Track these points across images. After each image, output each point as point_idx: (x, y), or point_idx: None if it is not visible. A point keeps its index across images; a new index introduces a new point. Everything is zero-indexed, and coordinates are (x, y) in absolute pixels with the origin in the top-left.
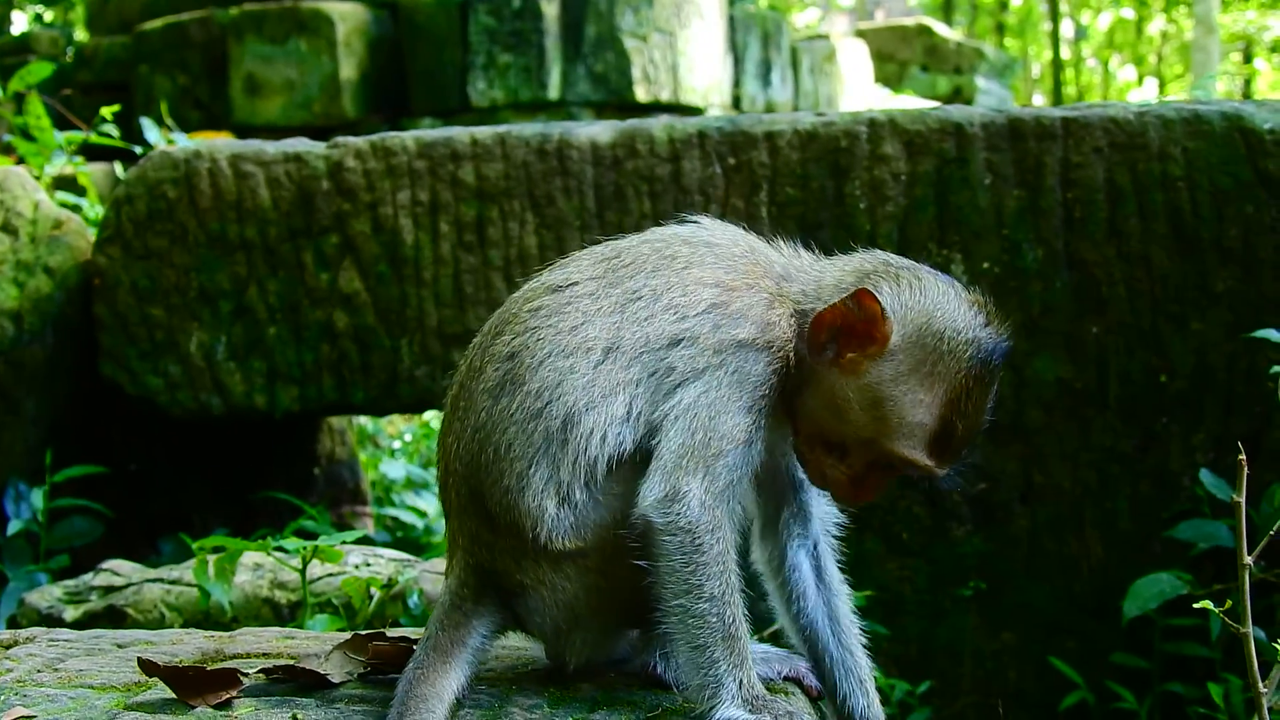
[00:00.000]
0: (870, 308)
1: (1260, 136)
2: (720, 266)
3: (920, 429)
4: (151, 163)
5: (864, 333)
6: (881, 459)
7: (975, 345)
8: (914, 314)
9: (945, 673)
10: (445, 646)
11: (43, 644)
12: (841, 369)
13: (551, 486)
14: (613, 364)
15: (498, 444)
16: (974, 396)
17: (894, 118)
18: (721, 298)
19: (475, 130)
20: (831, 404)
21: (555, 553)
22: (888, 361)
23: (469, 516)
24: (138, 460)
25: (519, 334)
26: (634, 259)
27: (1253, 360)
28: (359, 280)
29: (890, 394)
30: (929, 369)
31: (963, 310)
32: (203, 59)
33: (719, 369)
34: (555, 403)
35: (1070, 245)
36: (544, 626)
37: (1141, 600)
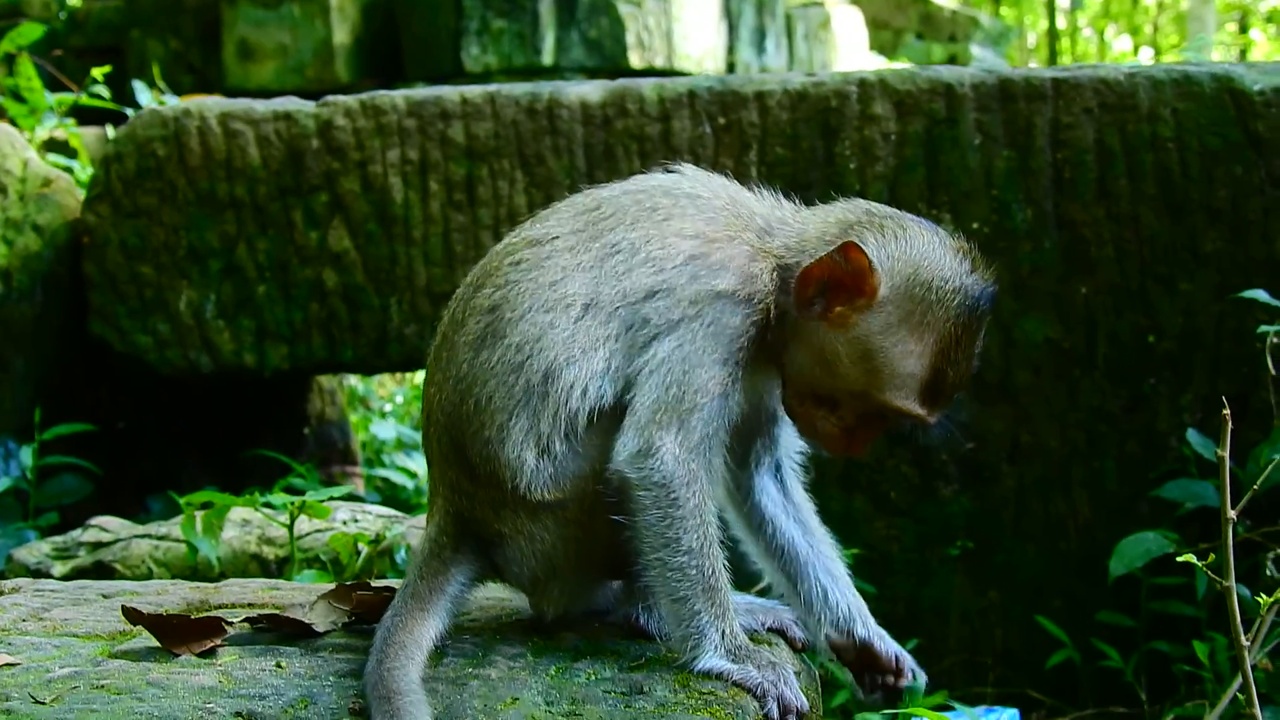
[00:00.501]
0: (857, 261)
1: (1250, 98)
2: (701, 218)
3: (912, 379)
4: (141, 121)
5: (852, 286)
6: (873, 410)
7: (963, 293)
8: (900, 264)
9: (932, 632)
10: (424, 594)
11: (28, 594)
12: (830, 323)
13: (531, 438)
14: (592, 319)
15: (479, 396)
16: (963, 344)
17: (884, 78)
18: (701, 249)
19: (465, 89)
20: (821, 358)
21: (534, 503)
22: (877, 313)
23: (449, 465)
24: (127, 418)
25: (499, 287)
26: (614, 210)
27: (1241, 321)
28: (348, 239)
29: (880, 346)
30: (918, 319)
31: (949, 258)
32: (195, 23)
33: (695, 320)
34: (536, 356)
35: (1059, 206)
36: (521, 576)
37: (1127, 559)
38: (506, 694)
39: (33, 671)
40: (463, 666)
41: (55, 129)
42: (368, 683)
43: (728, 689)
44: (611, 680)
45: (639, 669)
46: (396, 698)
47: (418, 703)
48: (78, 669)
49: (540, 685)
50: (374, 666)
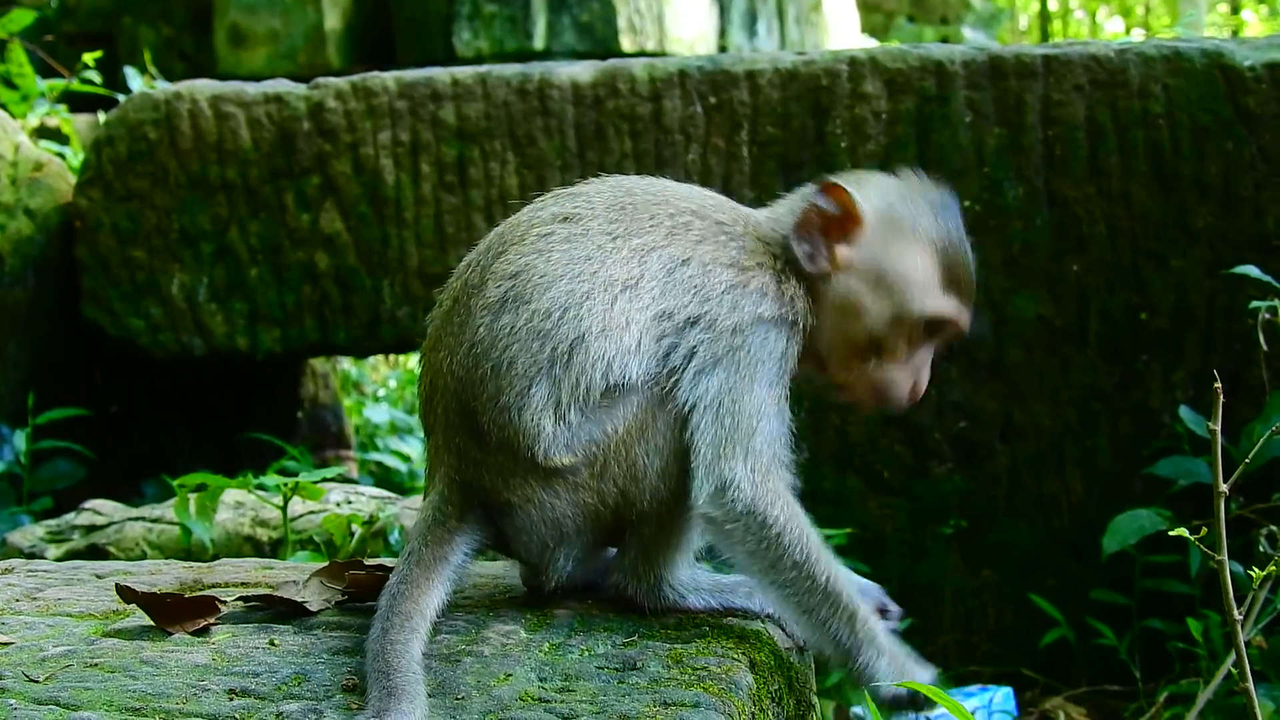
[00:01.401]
0: (835, 193)
1: (1240, 73)
2: (734, 245)
3: (931, 280)
4: (132, 104)
5: (841, 218)
6: (914, 330)
7: (930, 198)
8: (871, 192)
9: (926, 611)
10: (429, 562)
11: (21, 574)
12: (837, 269)
13: (550, 405)
14: (630, 302)
15: (498, 361)
16: (955, 240)
17: (875, 56)
18: (739, 279)
19: (456, 70)
20: (846, 309)
21: (547, 469)
22: (872, 238)
23: (456, 433)
24: (120, 402)
25: (526, 254)
26: (649, 215)
27: (1232, 297)
28: (340, 221)
29: (890, 262)
30: (908, 228)
31: (899, 181)
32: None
33: (740, 350)
34: (567, 324)
35: (1051, 183)
36: (529, 544)
37: (1121, 536)
38: (500, 670)
39: (26, 650)
40: (456, 643)
41: (47, 115)
42: (369, 652)
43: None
44: (605, 656)
45: (632, 645)
46: (395, 674)
47: (415, 680)
48: (71, 648)
49: (533, 661)
50: (378, 635)
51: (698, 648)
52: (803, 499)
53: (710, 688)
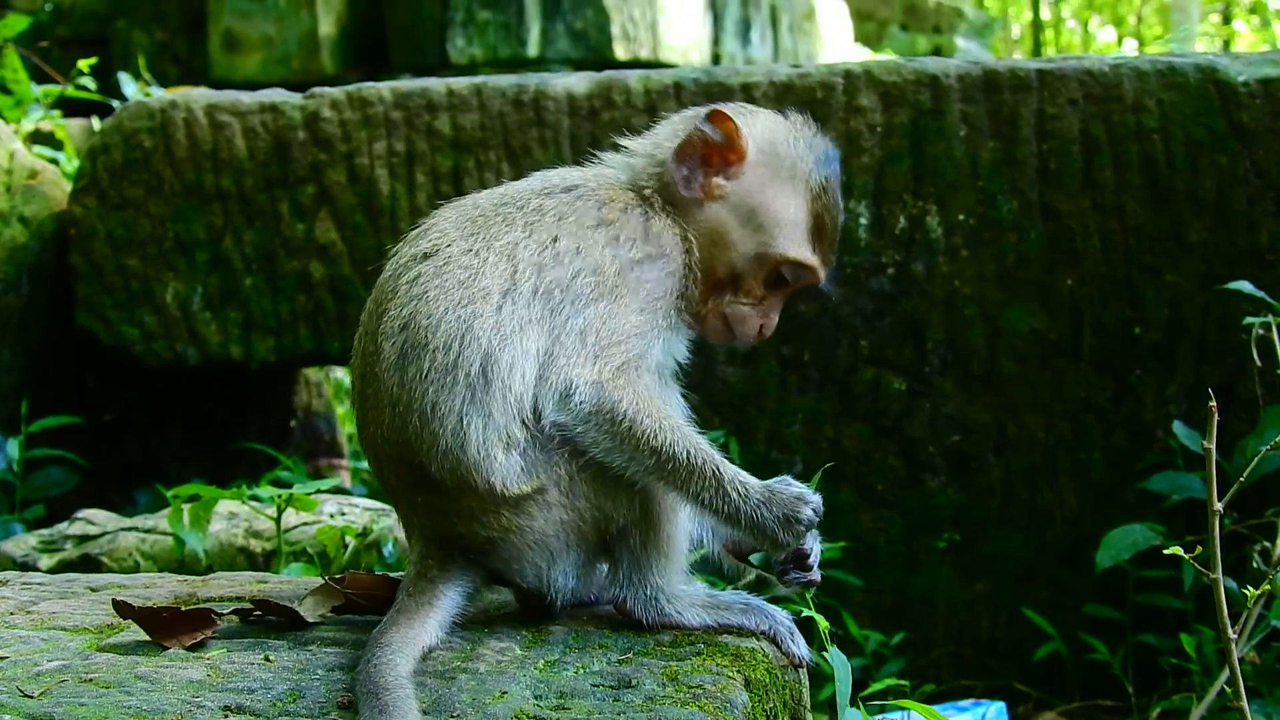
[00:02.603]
0: (724, 124)
1: (1234, 88)
2: (591, 206)
3: (797, 226)
4: (127, 112)
5: (724, 149)
6: (771, 270)
7: (814, 146)
8: (757, 129)
9: (920, 623)
10: (412, 610)
11: (16, 587)
12: (708, 196)
13: (491, 432)
14: (513, 305)
15: (421, 409)
16: (830, 192)
17: (869, 69)
18: (610, 233)
19: (451, 81)
20: (710, 235)
21: (514, 498)
22: (750, 173)
23: (417, 491)
24: (113, 410)
25: (404, 304)
26: (501, 218)
27: (1226, 311)
28: (335, 230)
29: (761, 201)
30: (788, 171)
31: (788, 123)
32: (181, 14)
33: (619, 287)
34: (467, 349)
35: (1045, 196)
36: (524, 573)
37: (1114, 551)
38: (495, 688)
39: (20, 665)
40: (451, 660)
41: (41, 121)
42: (358, 679)
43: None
44: (600, 674)
45: (627, 662)
46: (384, 693)
47: (405, 698)
48: (66, 662)
49: (528, 679)
50: (363, 666)
51: (693, 665)
52: None
53: (705, 706)
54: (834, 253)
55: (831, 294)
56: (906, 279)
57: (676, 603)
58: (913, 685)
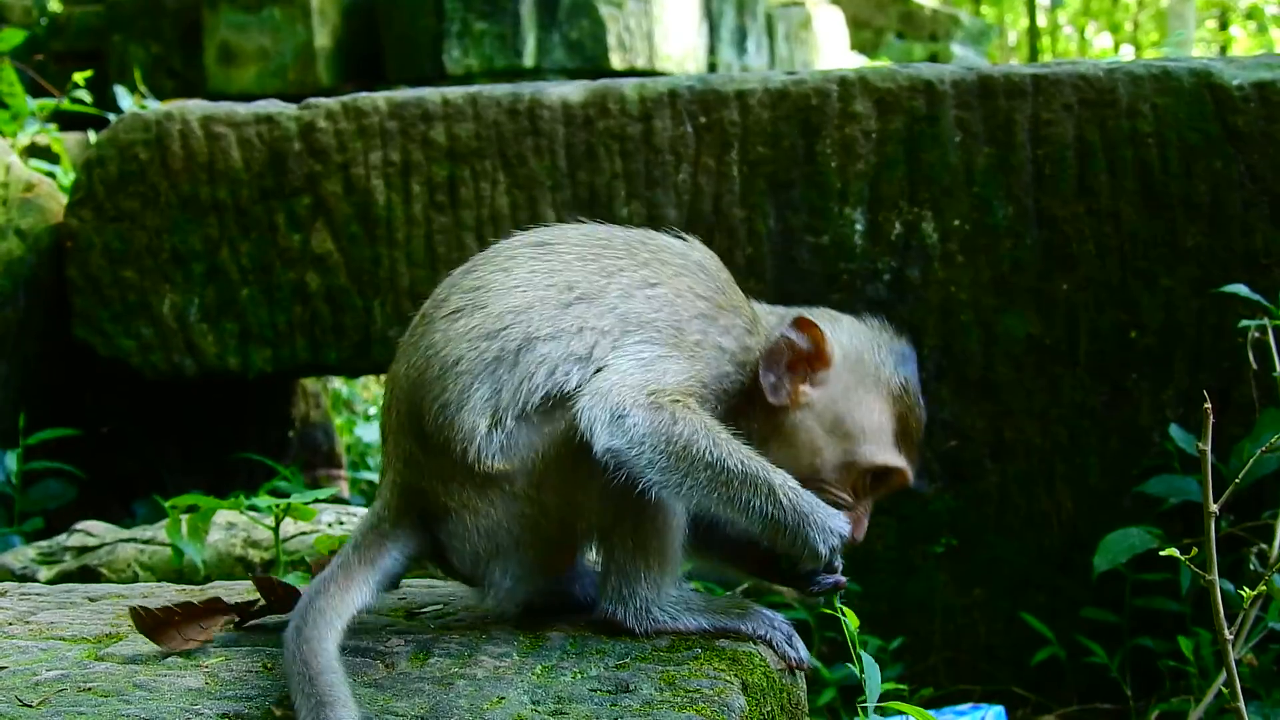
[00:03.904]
0: (812, 332)
1: (1229, 92)
2: (712, 285)
3: (883, 432)
4: (123, 124)
5: (810, 357)
6: (861, 477)
7: (894, 351)
8: (842, 335)
9: (917, 629)
10: (353, 565)
11: (14, 598)
12: (795, 404)
13: (489, 406)
14: (586, 308)
15: (445, 358)
16: (911, 393)
17: (864, 76)
18: (711, 311)
19: (446, 90)
20: (797, 442)
21: (482, 475)
22: (834, 382)
23: (404, 435)
24: (111, 422)
25: (491, 271)
26: (626, 247)
27: (1221, 315)
28: (331, 241)
29: (847, 408)
30: (871, 378)
31: (869, 329)
32: (176, 27)
33: (691, 353)
34: (516, 325)
35: (1040, 202)
36: (464, 554)
37: (1111, 555)
38: (493, 693)
39: (19, 675)
40: (449, 666)
41: (37, 134)
42: (286, 652)
43: (713, 687)
44: (598, 679)
45: (625, 667)
46: (318, 679)
47: (338, 683)
48: (64, 672)
49: (526, 684)
50: (292, 634)
51: (690, 669)
52: None
53: (703, 710)
54: (920, 452)
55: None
56: (902, 285)
57: (670, 609)
58: (911, 690)
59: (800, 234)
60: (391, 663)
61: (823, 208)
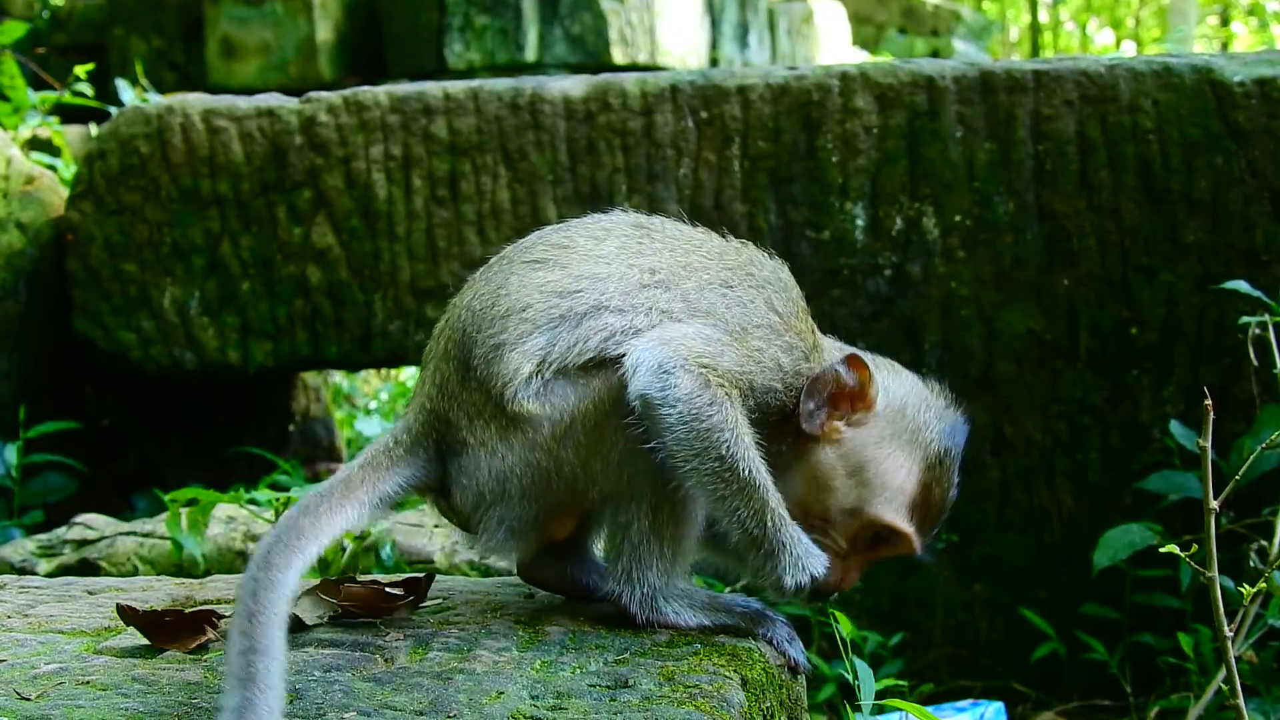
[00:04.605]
0: (861, 371)
1: (1230, 89)
2: (785, 302)
3: (902, 494)
4: (124, 118)
5: (853, 396)
6: (865, 529)
7: (945, 420)
8: (894, 386)
9: (917, 624)
10: (355, 483)
11: (13, 591)
12: (825, 437)
13: (539, 354)
14: (660, 291)
15: (514, 301)
16: (946, 466)
17: (865, 71)
18: (779, 327)
19: (447, 84)
20: (815, 476)
21: (511, 415)
22: (871, 427)
23: (447, 362)
24: (111, 416)
25: (582, 236)
26: (716, 251)
27: (1222, 311)
28: (332, 235)
29: (874, 457)
30: (908, 436)
31: (931, 394)
32: (178, 21)
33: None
34: (590, 291)
35: (1041, 197)
36: (468, 491)
37: (1112, 551)
38: (492, 688)
39: (18, 668)
40: (448, 660)
41: (38, 127)
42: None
43: (712, 682)
44: (597, 674)
45: (624, 662)
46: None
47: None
48: (63, 665)
49: (525, 679)
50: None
51: (689, 665)
52: None
53: (702, 705)
54: (935, 527)
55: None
56: (903, 280)
57: (675, 602)
58: (911, 686)
59: (801, 229)
60: (390, 657)
61: (824, 203)
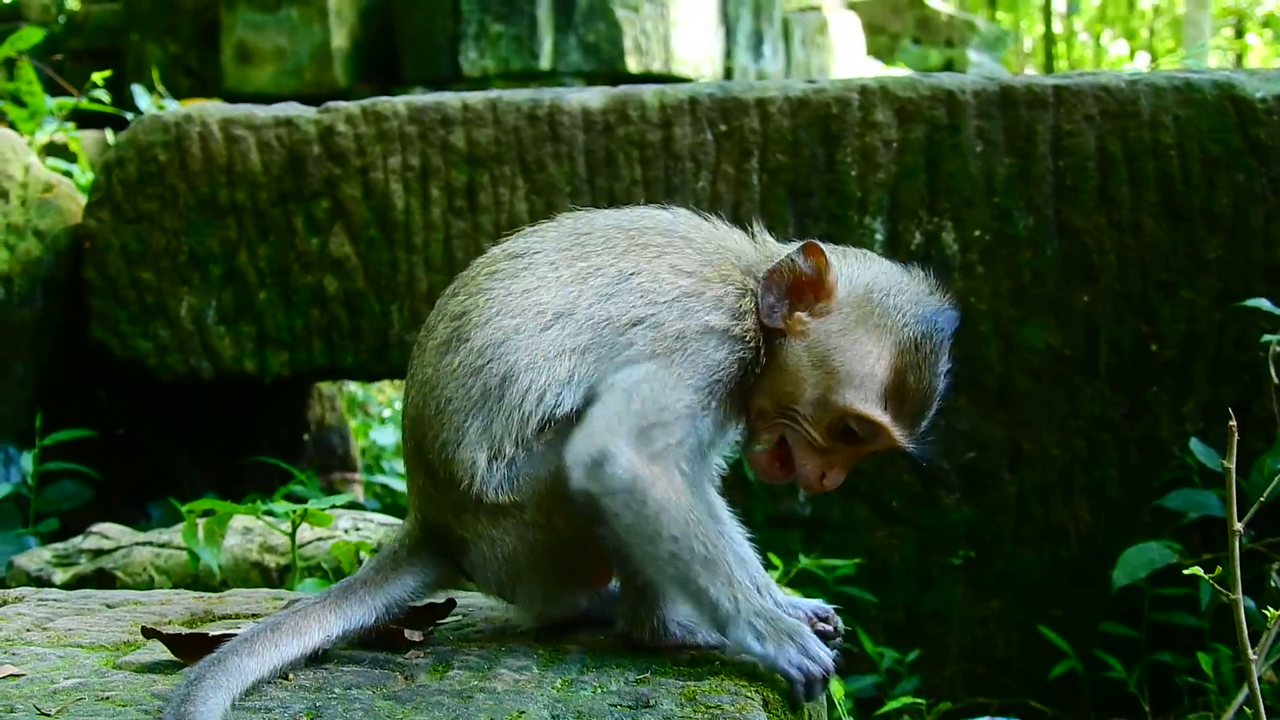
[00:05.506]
0: (816, 260)
1: (1251, 105)
2: (697, 258)
3: (870, 380)
4: (142, 126)
5: (811, 286)
6: (837, 421)
7: (920, 305)
8: (859, 273)
9: (934, 640)
10: (357, 587)
11: (32, 603)
12: (789, 331)
13: (484, 440)
14: (561, 330)
15: (439, 398)
16: (924, 352)
17: (885, 85)
18: (696, 287)
19: (466, 95)
20: (783, 372)
21: (491, 506)
22: (834, 315)
23: (416, 470)
24: (126, 423)
25: (471, 294)
26: (604, 238)
27: (1242, 329)
28: (349, 245)
29: (837, 344)
30: (875, 321)
31: (908, 280)
32: (194, 26)
33: (676, 352)
34: (496, 360)
35: (1061, 213)
36: (489, 581)
37: (1131, 569)
38: (513, 707)
39: (37, 683)
40: (468, 679)
41: (55, 133)
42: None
43: (734, 702)
44: (618, 694)
45: (645, 682)
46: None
47: None
48: (83, 680)
49: (546, 698)
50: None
51: (711, 685)
52: (810, 528)
53: None
54: (918, 418)
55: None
56: None
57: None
58: (929, 704)
59: None
60: (411, 675)
61: (842, 216)
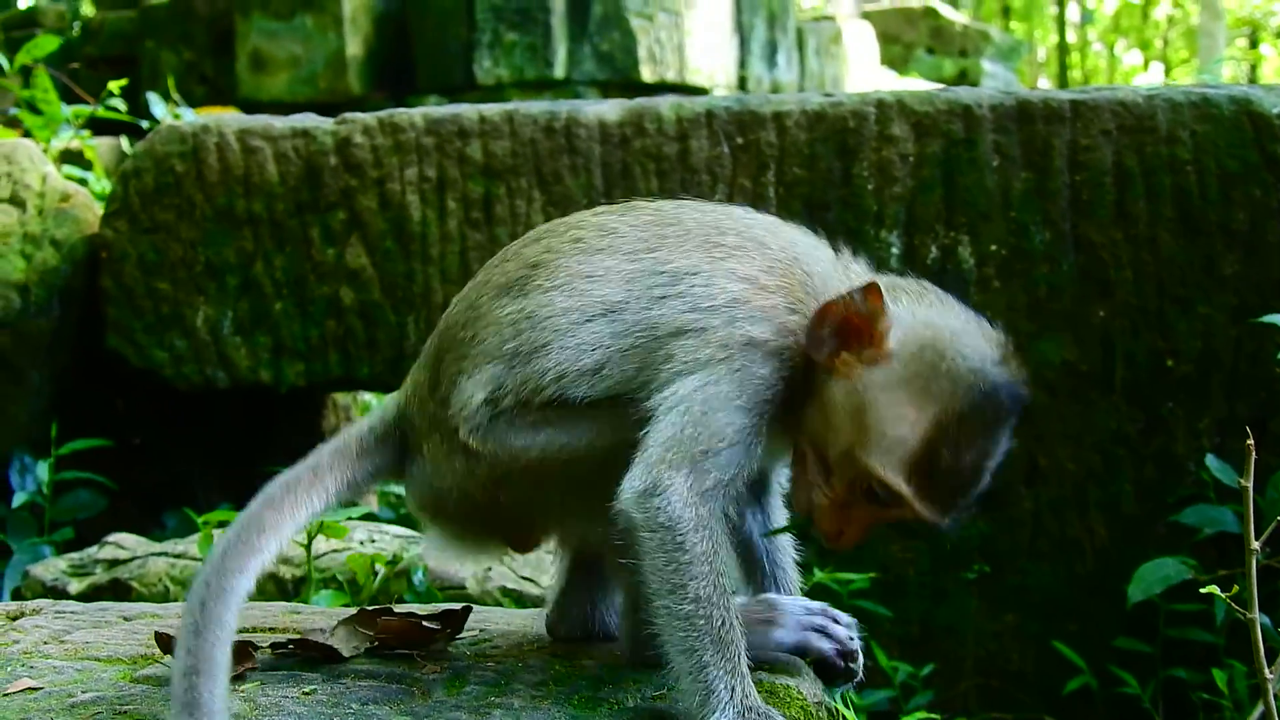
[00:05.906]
0: (873, 302)
1: (1269, 120)
2: (760, 264)
3: (899, 446)
4: (159, 136)
5: (863, 330)
6: (860, 479)
7: (980, 375)
8: (920, 325)
9: (948, 655)
10: (323, 470)
11: (49, 616)
12: (834, 370)
13: (490, 386)
14: (609, 324)
15: (476, 330)
16: (967, 427)
17: (902, 99)
18: (746, 293)
19: (483, 107)
20: (822, 409)
21: (458, 442)
22: (882, 367)
23: (426, 368)
24: (142, 433)
25: (551, 250)
26: (683, 233)
27: (1259, 344)
28: (365, 256)
29: (875, 399)
30: (921, 384)
31: (979, 340)
32: (208, 34)
33: (722, 363)
34: (537, 330)
35: (1077, 227)
36: (413, 495)
37: (1146, 585)
38: None
39: (55, 696)
40: (485, 694)
41: (71, 140)
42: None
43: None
44: (635, 710)
45: (662, 699)
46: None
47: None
48: (100, 694)
49: (563, 714)
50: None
51: None
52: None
53: None
54: (951, 496)
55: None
56: None
57: None
58: (943, 717)
59: None
60: (427, 690)
61: (859, 230)
